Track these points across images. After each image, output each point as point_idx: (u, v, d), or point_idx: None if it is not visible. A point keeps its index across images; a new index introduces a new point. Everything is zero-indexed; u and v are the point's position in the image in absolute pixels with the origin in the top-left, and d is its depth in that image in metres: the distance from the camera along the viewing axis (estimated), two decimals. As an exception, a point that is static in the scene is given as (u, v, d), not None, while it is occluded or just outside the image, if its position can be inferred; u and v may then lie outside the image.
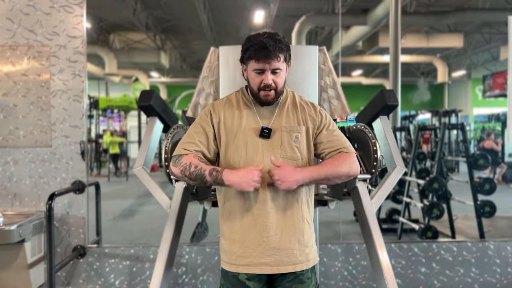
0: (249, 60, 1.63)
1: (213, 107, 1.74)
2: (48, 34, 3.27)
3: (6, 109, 3.28)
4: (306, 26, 10.18)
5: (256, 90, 1.65)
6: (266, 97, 1.65)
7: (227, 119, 1.70)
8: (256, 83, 1.65)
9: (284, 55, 1.64)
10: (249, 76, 1.68)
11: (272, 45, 1.58)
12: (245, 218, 1.66)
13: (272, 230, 1.64)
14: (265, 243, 1.64)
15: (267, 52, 1.58)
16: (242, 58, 1.69)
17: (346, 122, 2.37)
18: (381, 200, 2.03)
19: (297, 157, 1.67)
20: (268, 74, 1.62)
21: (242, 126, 1.68)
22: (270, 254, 1.64)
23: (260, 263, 1.65)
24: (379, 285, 1.84)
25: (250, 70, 1.65)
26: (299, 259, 1.67)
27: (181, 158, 1.64)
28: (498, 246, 3.45)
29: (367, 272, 3.35)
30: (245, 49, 1.64)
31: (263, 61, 1.60)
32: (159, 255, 1.86)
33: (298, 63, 2.18)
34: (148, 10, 11.47)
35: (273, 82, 1.63)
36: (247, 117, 1.69)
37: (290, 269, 1.66)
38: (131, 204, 8.18)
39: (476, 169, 5.00)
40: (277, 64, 1.62)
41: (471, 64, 18.34)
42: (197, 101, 2.26)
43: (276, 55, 1.60)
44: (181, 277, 3.32)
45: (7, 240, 2.84)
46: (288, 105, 1.74)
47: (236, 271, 1.67)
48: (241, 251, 1.66)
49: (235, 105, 1.73)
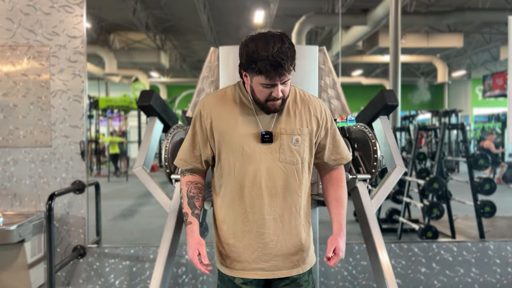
0: (257, 74, 1.47)
1: (203, 106, 1.63)
2: (48, 34, 3.27)
3: (6, 109, 3.28)
4: (306, 26, 10.19)
5: (264, 100, 1.54)
6: (273, 106, 1.54)
7: (219, 117, 1.59)
8: (264, 96, 1.53)
9: (293, 65, 1.50)
10: (254, 87, 1.53)
11: (286, 62, 1.44)
12: (241, 224, 1.61)
13: (268, 236, 1.59)
14: (261, 249, 1.60)
15: (281, 70, 1.44)
16: (245, 67, 1.51)
17: (346, 122, 2.36)
18: (381, 200, 2.04)
19: (296, 161, 1.59)
20: (279, 88, 1.49)
21: (237, 126, 1.57)
22: (266, 259, 1.60)
23: (255, 268, 1.61)
24: (379, 285, 1.84)
25: (257, 82, 1.50)
26: (295, 263, 1.64)
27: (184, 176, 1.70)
28: (498, 246, 3.45)
29: (367, 272, 3.35)
30: (251, 61, 1.46)
31: (273, 79, 1.46)
32: (159, 255, 1.86)
33: (298, 63, 2.15)
34: (148, 10, 11.47)
35: (282, 92, 1.52)
36: (243, 117, 1.58)
37: (286, 273, 1.63)
38: (131, 204, 8.18)
39: (476, 169, 5.00)
40: (288, 76, 1.49)
41: (471, 64, 18.35)
42: (197, 101, 2.26)
43: (289, 70, 1.47)
44: (181, 277, 3.32)
45: (7, 240, 2.84)
46: (290, 105, 1.62)
47: (231, 274, 1.64)
48: (236, 255, 1.62)
49: (231, 101, 1.61)
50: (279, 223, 1.60)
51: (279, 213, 1.60)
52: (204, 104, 1.64)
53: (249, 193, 1.58)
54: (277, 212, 1.59)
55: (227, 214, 1.63)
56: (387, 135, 2.21)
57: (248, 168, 1.57)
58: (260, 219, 1.59)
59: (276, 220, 1.59)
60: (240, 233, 1.61)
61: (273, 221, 1.59)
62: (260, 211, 1.58)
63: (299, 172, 1.61)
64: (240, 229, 1.61)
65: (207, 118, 1.61)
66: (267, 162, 1.57)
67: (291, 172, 1.59)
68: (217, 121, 1.60)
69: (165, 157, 2.07)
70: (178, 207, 1.96)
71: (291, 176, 1.59)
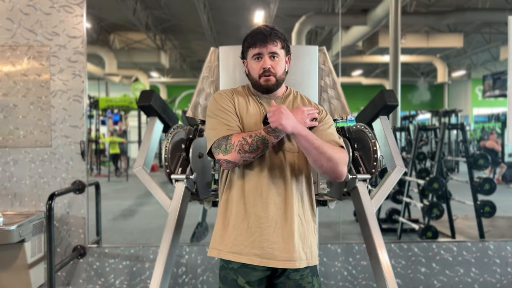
0: (248, 49, 1.68)
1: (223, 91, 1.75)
2: (48, 34, 3.27)
3: (6, 109, 3.28)
4: (306, 26, 10.18)
5: (257, 77, 1.68)
6: (266, 82, 1.67)
7: (237, 102, 1.71)
8: (256, 71, 1.68)
9: (281, 43, 1.67)
10: (250, 68, 1.71)
11: (267, 30, 1.65)
12: (242, 206, 1.63)
13: (267, 221, 1.61)
14: (258, 233, 1.60)
15: (262, 36, 1.64)
16: (242, 52, 1.74)
17: (346, 122, 2.36)
18: (381, 200, 2.03)
19: (294, 148, 1.66)
20: (266, 58, 1.65)
21: (248, 112, 1.69)
22: (263, 246, 1.60)
23: (250, 253, 1.61)
24: (379, 285, 1.84)
25: (250, 59, 1.69)
26: (292, 256, 1.61)
27: (229, 141, 1.55)
28: (498, 246, 3.45)
29: (367, 272, 3.35)
30: (244, 41, 1.71)
31: (259, 45, 1.64)
32: (159, 255, 1.86)
33: (298, 63, 2.18)
34: (148, 10, 11.47)
35: (272, 68, 1.66)
36: (252, 105, 1.71)
37: (281, 264, 1.61)
38: (131, 204, 8.18)
39: (476, 169, 5.01)
40: (274, 48, 1.65)
41: (471, 64, 18.35)
42: (197, 101, 2.25)
43: (272, 39, 1.64)
44: (181, 277, 3.32)
45: (7, 240, 2.84)
46: (291, 99, 1.76)
47: (225, 257, 1.64)
48: (232, 237, 1.63)
49: (243, 94, 1.75)
50: (279, 209, 1.63)
51: (279, 199, 1.63)
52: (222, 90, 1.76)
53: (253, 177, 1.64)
54: (277, 197, 1.63)
55: (230, 198, 1.67)
56: (387, 135, 2.21)
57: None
58: (260, 203, 1.62)
59: (276, 205, 1.63)
60: (241, 215, 1.63)
61: (274, 206, 1.62)
62: (260, 195, 1.62)
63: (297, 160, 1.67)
64: (241, 212, 1.64)
65: (232, 101, 1.70)
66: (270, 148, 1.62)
67: (289, 159, 1.66)
68: (237, 105, 1.70)
69: (165, 157, 2.07)
70: (178, 207, 1.96)
71: (289, 164, 1.66)
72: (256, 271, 1.64)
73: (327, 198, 2.16)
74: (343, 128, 2.18)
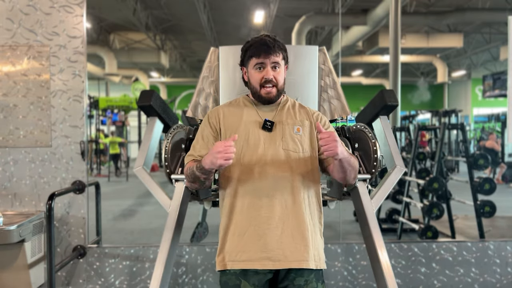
0: (250, 59, 1.70)
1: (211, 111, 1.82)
2: (48, 34, 3.27)
3: (6, 109, 3.28)
4: (306, 26, 10.19)
5: (258, 87, 1.70)
6: (268, 94, 1.70)
7: (227, 115, 1.75)
8: (257, 80, 1.70)
9: (282, 54, 1.71)
10: (250, 75, 1.73)
11: (271, 42, 1.68)
12: (247, 210, 1.62)
13: (274, 222, 1.60)
14: (266, 235, 1.59)
15: (266, 48, 1.66)
16: (242, 60, 1.76)
17: (346, 122, 2.36)
18: (381, 200, 2.03)
19: (298, 149, 1.67)
20: (269, 69, 1.68)
21: (243, 119, 1.71)
22: (273, 248, 1.58)
23: (261, 257, 1.58)
24: (379, 285, 1.84)
25: (251, 68, 1.71)
26: (303, 255, 1.59)
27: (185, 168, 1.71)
28: (498, 246, 3.45)
29: (367, 272, 3.35)
30: (245, 50, 1.73)
31: (263, 56, 1.67)
32: (159, 255, 1.86)
33: (298, 63, 2.18)
34: (148, 10, 11.48)
35: (274, 78, 1.68)
36: (248, 112, 1.74)
37: (295, 264, 1.58)
38: (131, 204, 8.18)
39: (476, 169, 5.00)
40: (277, 59, 1.68)
41: (471, 64, 18.35)
42: (197, 101, 2.26)
43: (275, 51, 1.68)
44: (181, 277, 3.32)
45: (7, 240, 2.84)
46: (289, 106, 1.78)
47: (237, 267, 1.60)
48: (241, 245, 1.60)
49: (237, 104, 1.79)
50: (285, 209, 1.62)
51: (284, 198, 1.63)
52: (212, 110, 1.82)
53: (255, 179, 1.63)
54: (283, 198, 1.63)
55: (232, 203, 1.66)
56: (387, 135, 2.21)
57: (253, 155, 1.65)
58: (265, 205, 1.62)
59: (282, 206, 1.62)
60: (246, 219, 1.62)
61: (279, 207, 1.62)
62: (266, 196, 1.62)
63: (302, 161, 1.67)
64: (246, 216, 1.62)
65: (215, 118, 1.76)
66: (271, 150, 1.66)
67: (294, 160, 1.66)
68: (224, 117, 1.75)
69: (165, 157, 2.07)
70: (178, 207, 1.96)
71: (294, 164, 1.66)
72: (258, 275, 1.61)
73: (327, 198, 2.16)
74: (343, 128, 2.18)
